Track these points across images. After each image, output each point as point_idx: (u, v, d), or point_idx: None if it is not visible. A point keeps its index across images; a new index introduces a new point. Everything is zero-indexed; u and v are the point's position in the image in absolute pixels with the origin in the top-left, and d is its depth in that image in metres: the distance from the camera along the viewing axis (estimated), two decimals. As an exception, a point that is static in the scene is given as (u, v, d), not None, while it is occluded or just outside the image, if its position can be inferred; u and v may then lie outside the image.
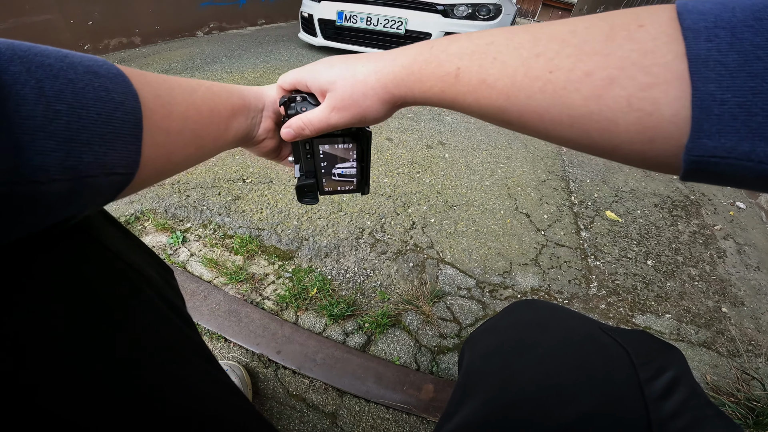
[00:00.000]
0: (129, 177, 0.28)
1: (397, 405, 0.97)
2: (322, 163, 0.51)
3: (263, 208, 1.60)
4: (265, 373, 1.02)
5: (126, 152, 0.27)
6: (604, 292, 1.41)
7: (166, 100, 0.32)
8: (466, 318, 1.23)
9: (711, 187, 2.30)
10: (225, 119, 0.42)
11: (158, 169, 0.33)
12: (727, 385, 1.11)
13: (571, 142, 0.31)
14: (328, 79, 0.42)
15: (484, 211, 1.77)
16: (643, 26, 0.25)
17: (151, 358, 0.37)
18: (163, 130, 0.32)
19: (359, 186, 0.54)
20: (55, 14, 3.08)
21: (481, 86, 0.33)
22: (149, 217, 1.48)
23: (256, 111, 0.48)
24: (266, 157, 0.56)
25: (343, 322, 1.17)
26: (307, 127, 0.44)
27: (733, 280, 1.57)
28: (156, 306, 0.41)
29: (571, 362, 0.44)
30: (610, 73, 0.26)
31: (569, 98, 0.28)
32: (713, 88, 0.22)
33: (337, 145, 0.49)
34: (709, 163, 0.23)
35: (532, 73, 0.29)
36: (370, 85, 0.39)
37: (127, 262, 0.38)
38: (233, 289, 1.23)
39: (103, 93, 0.25)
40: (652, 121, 0.25)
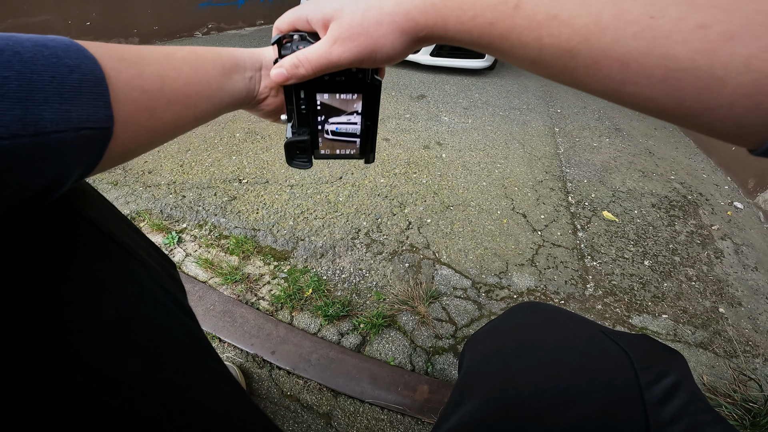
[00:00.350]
0: (105, 132, 0.28)
1: (392, 406, 0.97)
2: (319, 118, 0.42)
3: (259, 209, 1.59)
4: (259, 373, 1.02)
5: (93, 108, 0.27)
6: (600, 293, 1.40)
7: (133, 61, 0.31)
8: (461, 319, 1.23)
9: (709, 187, 2.30)
10: (216, 79, 0.40)
11: (146, 126, 0.32)
12: (724, 386, 1.10)
13: (647, 100, 0.27)
14: (333, 7, 0.35)
15: (480, 212, 1.77)
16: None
17: (143, 344, 0.37)
18: (136, 88, 0.31)
19: (362, 151, 0.46)
20: (53, 15, 3.08)
21: (550, 22, 0.28)
22: (145, 218, 1.47)
23: (253, 69, 0.44)
24: (270, 117, 0.50)
25: (338, 322, 1.16)
26: (302, 65, 0.37)
27: (731, 280, 1.57)
28: (153, 293, 0.41)
29: (571, 365, 0.43)
30: (730, 29, 0.23)
31: (672, 49, 0.25)
32: None
33: (339, 95, 0.41)
34: None
35: (626, 17, 0.26)
36: (387, 10, 0.33)
37: (120, 243, 0.38)
38: (228, 290, 1.23)
39: (54, 60, 0.25)
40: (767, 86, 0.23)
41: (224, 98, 0.41)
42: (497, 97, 3.41)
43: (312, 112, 0.41)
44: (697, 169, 2.54)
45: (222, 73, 0.40)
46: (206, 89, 0.38)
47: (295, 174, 1.84)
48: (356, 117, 0.42)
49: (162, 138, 0.35)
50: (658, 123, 3.48)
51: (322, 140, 0.44)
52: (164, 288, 0.43)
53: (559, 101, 3.61)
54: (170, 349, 0.40)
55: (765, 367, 1.20)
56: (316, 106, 0.41)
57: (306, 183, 1.79)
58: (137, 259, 0.40)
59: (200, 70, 0.38)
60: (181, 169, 1.79)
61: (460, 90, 3.47)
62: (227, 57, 0.42)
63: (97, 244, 0.36)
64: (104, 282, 0.35)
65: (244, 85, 0.43)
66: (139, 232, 0.45)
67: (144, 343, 0.37)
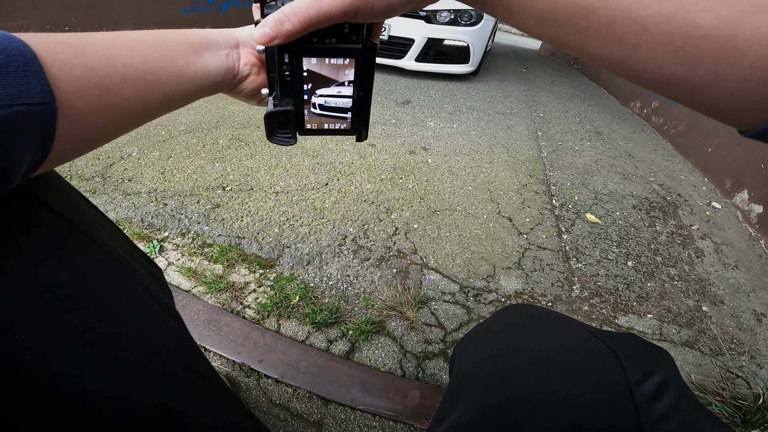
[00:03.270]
0: (47, 107, 0.26)
1: (384, 412, 0.96)
2: (305, 86, 0.37)
3: (243, 216, 1.57)
4: (247, 382, 1.00)
5: (24, 85, 0.25)
6: (586, 294, 1.42)
7: (71, 43, 0.30)
8: (450, 323, 1.22)
9: (687, 188, 2.35)
10: (181, 56, 0.37)
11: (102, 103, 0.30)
12: (712, 384, 1.12)
13: (657, 68, 0.26)
14: None
15: (466, 216, 1.77)
16: None
17: (129, 349, 0.36)
18: (79, 66, 0.29)
19: (354, 125, 0.41)
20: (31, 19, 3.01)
21: None
22: (125, 226, 1.44)
23: (228, 47, 0.42)
24: (253, 100, 0.47)
25: (327, 329, 1.15)
26: (288, 19, 0.32)
27: (712, 279, 1.60)
28: (139, 297, 0.40)
29: (560, 365, 0.43)
30: (761, 2, 0.23)
31: (698, 16, 0.24)
32: None
33: (329, 60, 0.36)
34: None
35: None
36: None
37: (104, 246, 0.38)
38: (213, 298, 1.20)
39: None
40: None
41: (198, 76, 0.38)
42: (481, 102, 3.44)
43: (297, 80, 0.36)
44: (675, 171, 2.60)
45: (188, 50, 0.38)
46: (171, 66, 0.36)
47: (279, 181, 1.82)
48: (348, 88, 0.38)
49: (130, 118, 0.33)
50: (637, 126, 3.55)
51: (308, 113, 0.39)
52: (150, 292, 0.42)
53: (542, 105, 3.66)
54: (157, 355, 0.39)
55: (751, 364, 1.22)
56: (302, 73, 0.36)
57: (291, 190, 1.77)
58: (123, 263, 0.39)
59: (160, 48, 0.36)
60: (163, 177, 1.76)
61: (445, 95, 3.50)
62: (194, 35, 0.39)
63: (79, 247, 0.35)
64: (87, 286, 0.34)
65: (219, 63, 0.40)
66: (125, 237, 0.44)
67: (129, 349, 0.36)
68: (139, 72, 0.33)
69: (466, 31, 3.84)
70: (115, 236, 0.42)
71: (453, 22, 3.80)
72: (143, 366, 0.37)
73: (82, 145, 0.30)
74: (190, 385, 0.43)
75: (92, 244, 0.37)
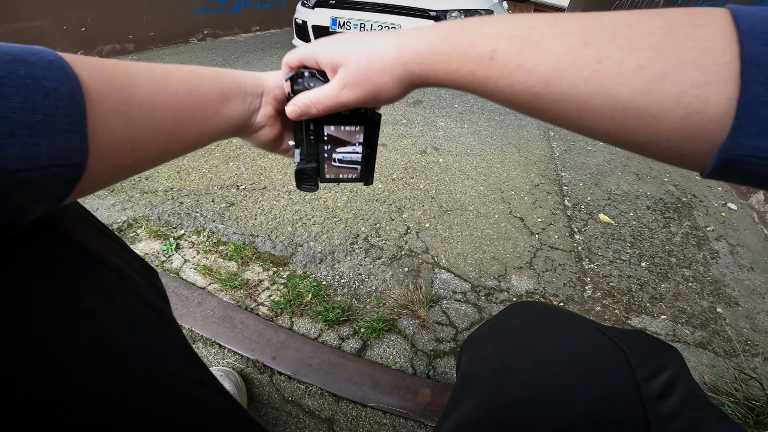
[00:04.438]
0: (77, 168, 0.26)
1: (395, 410, 0.97)
2: (325, 147, 0.47)
3: (257, 215, 1.59)
4: (260, 379, 1.01)
5: (65, 141, 0.24)
6: (599, 295, 1.41)
7: (123, 83, 0.30)
8: (462, 322, 1.23)
9: (702, 189, 2.32)
10: (212, 103, 0.39)
11: (124, 160, 0.30)
12: (726, 385, 1.11)
13: (604, 134, 0.30)
14: (341, 53, 0.38)
15: (478, 216, 1.77)
16: (702, 26, 0.26)
17: (121, 357, 0.35)
18: (121, 116, 0.29)
19: (363, 175, 0.51)
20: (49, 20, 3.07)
21: (517, 71, 0.31)
22: (142, 224, 1.47)
23: (254, 95, 0.45)
24: (265, 147, 0.51)
25: (339, 327, 1.16)
26: (314, 105, 0.41)
27: (727, 280, 1.58)
28: (131, 305, 0.38)
29: (567, 363, 0.43)
30: (664, 69, 0.26)
31: (616, 91, 0.27)
32: (761, 91, 0.23)
33: (344, 128, 0.45)
34: (741, 162, 0.24)
35: (580, 62, 0.28)
36: (388, 61, 0.37)
37: (95, 254, 0.36)
38: (227, 296, 1.22)
39: (30, 81, 0.23)
40: (697, 119, 0.25)
41: (219, 125, 0.41)
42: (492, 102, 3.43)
43: (319, 142, 0.46)
44: (690, 172, 2.56)
45: (220, 97, 0.40)
46: (200, 115, 0.38)
47: (292, 180, 1.84)
48: (358, 146, 0.47)
49: (141, 168, 0.34)
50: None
51: (327, 167, 0.48)
52: (144, 299, 0.41)
53: (554, 105, 3.63)
54: (151, 361, 0.38)
55: (765, 365, 1.20)
56: (323, 137, 0.45)
57: (304, 188, 1.79)
58: (115, 270, 0.37)
59: (196, 94, 0.37)
60: (179, 176, 1.79)
61: (456, 95, 3.49)
62: (228, 79, 0.42)
63: (61, 255, 0.33)
64: (76, 296, 0.32)
65: (241, 112, 0.43)
66: (119, 241, 0.42)
67: (122, 356, 0.35)
68: (170, 124, 0.34)
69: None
70: (108, 242, 0.40)
71: (464, 22, 3.79)
72: (140, 376, 0.36)
73: (85, 194, 0.29)
74: (185, 391, 0.42)
75: (84, 254, 0.35)
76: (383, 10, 3.78)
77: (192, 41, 4.80)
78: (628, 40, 0.27)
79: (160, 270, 1.27)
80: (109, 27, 3.66)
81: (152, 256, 1.34)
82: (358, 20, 3.83)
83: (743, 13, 0.25)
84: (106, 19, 3.61)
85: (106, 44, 3.66)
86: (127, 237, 1.41)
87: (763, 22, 0.24)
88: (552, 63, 0.30)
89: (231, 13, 5.39)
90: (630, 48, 0.27)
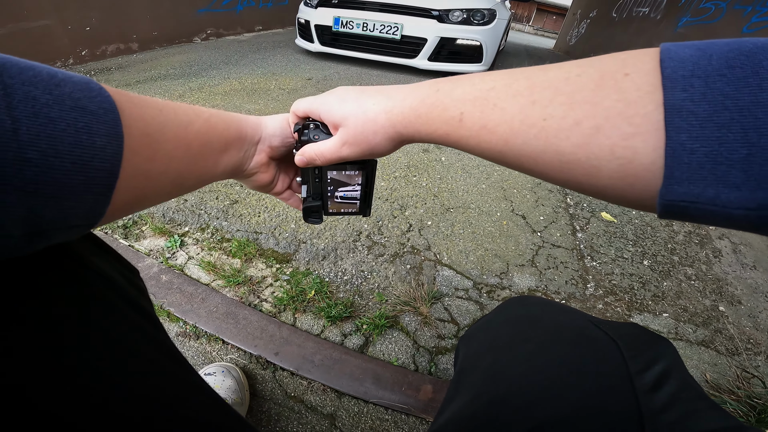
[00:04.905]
0: (90, 227, 0.27)
1: (396, 405, 0.97)
2: (328, 187, 0.53)
3: (261, 212, 1.60)
4: (263, 374, 1.02)
5: (93, 204, 0.25)
6: (601, 292, 1.41)
7: (154, 138, 0.31)
8: (463, 319, 1.23)
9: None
10: (216, 153, 0.42)
11: (125, 210, 0.31)
12: (728, 383, 1.11)
13: (562, 182, 0.32)
14: (340, 115, 0.43)
15: (480, 214, 1.78)
16: (629, 75, 0.26)
17: (103, 359, 0.34)
18: (142, 173, 0.30)
19: (361, 209, 0.57)
20: (53, 20, 3.09)
21: (482, 131, 0.34)
22: (147, 221, 1.48)
23: (251, 144, 0.48)
24: (257, 189, 0.56)
25: (341, 323, 1.17)
26: (318, 158, 0.45)
27: (730, 279, 1.58)
28: (113, 305, 0.38)
29: (560, 356, 0.44)
30: (597, 123, 0.27)
31: (560, 145, 0.29)
32: (684, 138, 0.23)
33: (345, 172, 0.51)
34: (680, 207, 0.25)
35: (529, 120, 0.30)
36: (380, 124, 0.41)
37: (74, 255, 0.35)
38: (231, 292, 1.23)
39: (85, 137, 0.23)
40: (631, 168, 0.26)
41: (215, 174, 0.44)
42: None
43: (324, 184, 0.52)
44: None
45: (222, 149, 0.43)
46: (202, 168, 0.40)
47: (295, 177, 1.85)
48: (357, 186, 0.53)
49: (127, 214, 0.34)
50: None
51: (330, 203, 0.55)
52: (126, 298, 0.40)
53: (557, 104, 3.62)
54: (134, 363, 0.37)
55: (767, 364, 1.20)
56: (327, 180, 0.51)
57: (307, 186, 1.79)
58: (95, 270, 0.37)
59: (207, 144, 0.40)
60: (182, 173, 1.79)
61: (458, 94, 3.48)
62: (234, 129, 0.45)
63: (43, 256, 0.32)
64: (55, 298, 0.31)
65: (237, 159, 0.46)
66: (98, 241, 0.42)
67: (104, 358, 0.33)
68: (176, 178, 0.36)
69: (479, 30, 3.82)
70: (87, 243, 0.39)
71: (466, 22, 3.79)
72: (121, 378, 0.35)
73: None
74: (167, 391, 0.41)
75: (63, 257, 0.34)
76: (386, 10, 3.79)
77: (195, 41, 4.81)
78: (566, 95, 0.29)
79: (165, 266, 1.28)
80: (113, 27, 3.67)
81: (157, 253, 1.35)
82: (361, 20, 3.84)
83: (669, 54, 0.25)
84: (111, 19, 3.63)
85: (111, 44, 3.68)
86: (132, 234, 1.42)
87: (685, 64, 0.24)
88: (508, 123, 0.32)
89: (234, 12, 5.40)
90: (569, 104, 0.28)
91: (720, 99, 0.22)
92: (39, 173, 0.21)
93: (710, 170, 0.22)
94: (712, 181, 0.23)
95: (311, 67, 3.99)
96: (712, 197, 0.23)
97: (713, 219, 0.24)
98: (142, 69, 3.37)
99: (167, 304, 1.15)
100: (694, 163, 0.23)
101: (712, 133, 0.22)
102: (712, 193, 0.23)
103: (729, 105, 0.22)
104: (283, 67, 3.88)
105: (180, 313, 1.13)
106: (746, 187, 0.22)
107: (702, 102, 0.23)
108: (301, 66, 4.00)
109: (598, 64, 0.29)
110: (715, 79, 0.23)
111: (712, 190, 0.23)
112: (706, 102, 0.23)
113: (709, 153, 0.22)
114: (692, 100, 0.23)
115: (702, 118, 0.23)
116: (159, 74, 3.24)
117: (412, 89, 0.40)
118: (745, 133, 0.21)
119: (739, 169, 0.22)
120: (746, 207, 0.22)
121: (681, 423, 0.35)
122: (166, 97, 2.70)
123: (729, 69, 0.23)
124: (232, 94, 2.88)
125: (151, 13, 4.07)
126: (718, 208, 0.23)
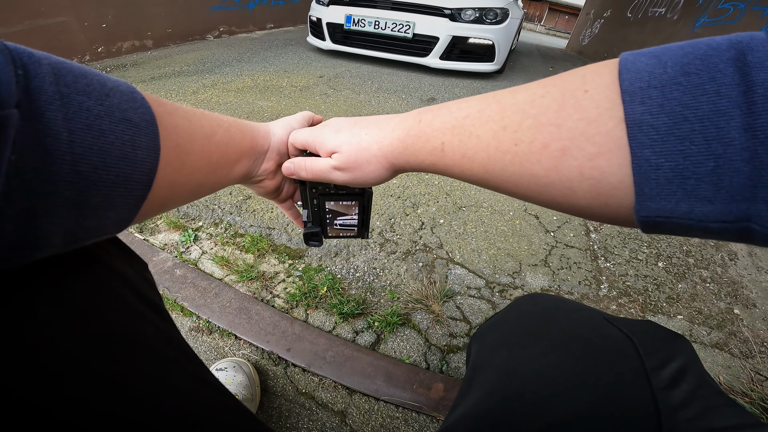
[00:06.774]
0: (116, 233, 0.27)
1: (407, 403, 0.97)
2: (327, 216, 0.55)
3: (273, 208, 1.61)
4: (274, 370, 1.03)
5: (127, 215, 0.26)
6: (614, 293, 1.40)
7: (184, 149, 0.32)
8: (475, 317, 1.23)
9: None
10: (231, 164, 0.42)
11: (145, 217, 0.31)
12: (741, 386, 1.10)
13: (545, 204, 0.32)
14: (334, 144, 0.43)
15: (493, 213, 1.77)
16: (588, 92, 0.26)
17: (114, 354, 0.33)
18: (168, 184, 0.30)
19: (360, 233, 0.59)
20: (70, 17, 3.13)
21: (463, 160, 0.34)
22: (162, 216, 1.49)
23: (261, 153, 0.49)
24: (264, 196, 0.56)
25: (353, 320, 1.17)
26: (304, 170, 0.46)
27: (745, 282, 1.55)
28: (124, 299, 0.37)
29: (575, 353, 0.43)
30: (563, 145, 0.26)
31: (533, 169, 0.29)
32: (648, 154, 0.22)
33: (342, 202, 0.53)
34: (657, 222, 0.24)
35: (503, 147, 0.30)
36: (373, 153, 0.41)
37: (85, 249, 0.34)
38: (244, 287, 1.24)
39: (130, 150, 0.23)
40: (602, 188, 0.25)
41: (227, 182, 0.44)
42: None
43: (323, 213, 0.55)
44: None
45: (237, 159, 0.43)
46: (218, 175, 0.41)
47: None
48: (354, 214, 0.56)
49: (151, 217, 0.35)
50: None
51: (330, 228, 0.58)
52: (138, 293, 0.40)
53: (569, 104, 3.59)
54: (145, 357, 0.37)
55: (784, 366, 1.19)
56: (326, 209, 0.54)
57: (319, 183, 1.80)
58: (105, 265, 0.36)
59: (225, 155, 0.40)
60: (196, 169, 1.81)
61: (470, 93, 3.48)
62: (249, 139, 0.45)
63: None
64: (67, 291, 0.30)
65: (248, 167, 0.47)
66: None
67: (115, 352, 0.33)
68: (197, 187, 0.37)
69: (492, 29, 3.80)
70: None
71: (478, 20, 3.77)
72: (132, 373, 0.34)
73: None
74: (179, 386, 0.41)
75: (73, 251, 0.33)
76: (398, 8, 3.78)
77: (208, 38, 4.85)
78: (533, 118, 0.28)
79: (179, 261, 1.29)
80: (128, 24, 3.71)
81: (171, 247, 1.36)
82: (373, 18, 3.83)
83: (627, 65, 0.24)
84: (126, 16, 3.67)
85: (126, 41, 3.72)
86: (147, 228, 1.43)
87: (641, 74, 0.23)
88: (484, 150, 0.32)
89: (246, 10, 5.43)
90: (536, 127, 0.28)
91: (678, 110, 0.21)
92: (88, 186, 0.21)
93: (679, 185, 0.22)
94: (682, 196, 0.22)
95: (323, 65, 4.00)
96: (687, 212, 0.22)
97: (694, 232, 0.23)
98: (156, 66, 3.41)
99: (181, 299, 1.16)
100: (662, 178, 0.22)
101: (674, 147, 0.21)
102: (685, 207, 0.22)
103: (688, 116, 0.21)
104: (295, 64, 3.89)
105: (194, 308, 1.14)
106: (719, 201, 0.21)
107: (660, 114, 0.22)
108: (313, 64, 4.01)
109: (561, 83, 0.28)
110: (672, 88, 0.22)
111: (685, 205, 0.22)
112: (664, 114, 0.22)
113: (675, 167, 0.21)
114: (651, 113, 0.22)
115: (663, 131, 0.22)
116: (173, 71, 3.27)
117: (401, 121, 0.40)
118: (709, 144, 0.20)
119: (708, 183, 0.21)
120: (723, 220, 0.21)
121: (699, 420, 0.35)
122: (179, 94, 2.73)
123: (684, 76, 0.22)
124: (245, 91, 2.90)
125: (165, 11, 4.11)
126: (695, 222, 0.22)
